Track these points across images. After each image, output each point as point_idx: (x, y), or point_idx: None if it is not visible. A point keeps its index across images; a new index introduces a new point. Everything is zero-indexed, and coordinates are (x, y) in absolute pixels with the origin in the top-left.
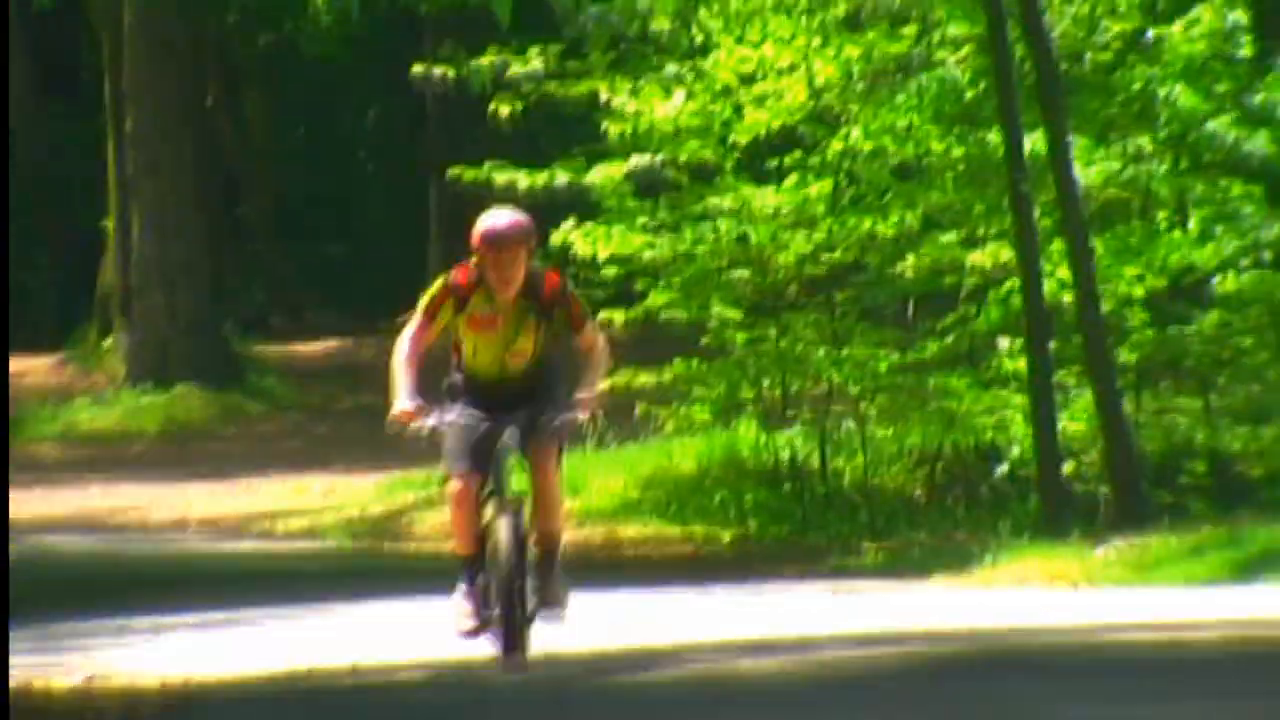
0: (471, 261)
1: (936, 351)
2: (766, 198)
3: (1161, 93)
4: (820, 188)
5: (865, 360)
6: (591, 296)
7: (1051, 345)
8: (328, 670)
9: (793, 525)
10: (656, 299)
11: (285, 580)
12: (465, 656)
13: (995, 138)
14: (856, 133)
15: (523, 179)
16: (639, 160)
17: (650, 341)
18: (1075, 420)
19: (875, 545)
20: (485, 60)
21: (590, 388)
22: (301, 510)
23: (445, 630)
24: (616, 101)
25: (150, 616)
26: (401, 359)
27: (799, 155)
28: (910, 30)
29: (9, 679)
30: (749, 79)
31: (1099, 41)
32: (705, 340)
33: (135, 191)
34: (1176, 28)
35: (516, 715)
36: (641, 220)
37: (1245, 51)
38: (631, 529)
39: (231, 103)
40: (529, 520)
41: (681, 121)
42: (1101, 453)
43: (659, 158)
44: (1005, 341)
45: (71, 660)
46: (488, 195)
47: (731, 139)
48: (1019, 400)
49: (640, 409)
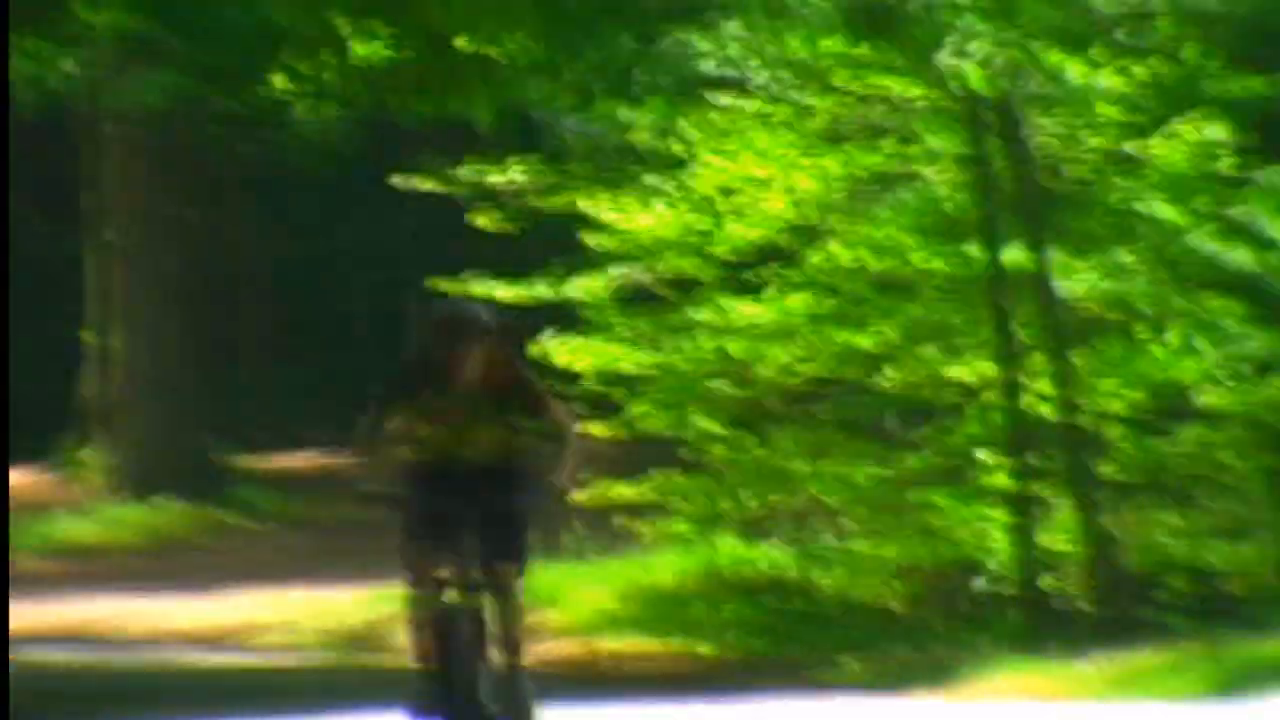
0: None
1: (916, 464)
2: (746, 310)
3: (1140, 207)
4: (799, 300)
5: (844, 473)
6: (570, 408)
7: (1030, 459)
8: None
9: (771, 639)
10: (635, 410)
11: (263, 692)
12: None
13: (975, 251)
14: (835, 245)
15: (501, 290)
16: (618, 271)
17: (629, 453)
18: (1055, 534)
19: (854, 658)
20: (464, 171)
21: (565, 467)
22: (280, 623)
23: None
24: (596, 213)
25: None
26: (361, 445)
27: (778, 267)
28: (889, 143)
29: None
30: (728, 191)
31: (1078, 156)
32: (684, 452)
33: (116, 303)
34: (1155, 142)
35: None
36: (621, 332)
37: (1224, 166)
38: (609, 643)
39: (214, 215)
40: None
41: (661, 233)
42: (1081, 566)
43: (638, 270)
44: (983, 454)
45: None
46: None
47: (711, 251)
48: (998, 514)
49: (620, 522)
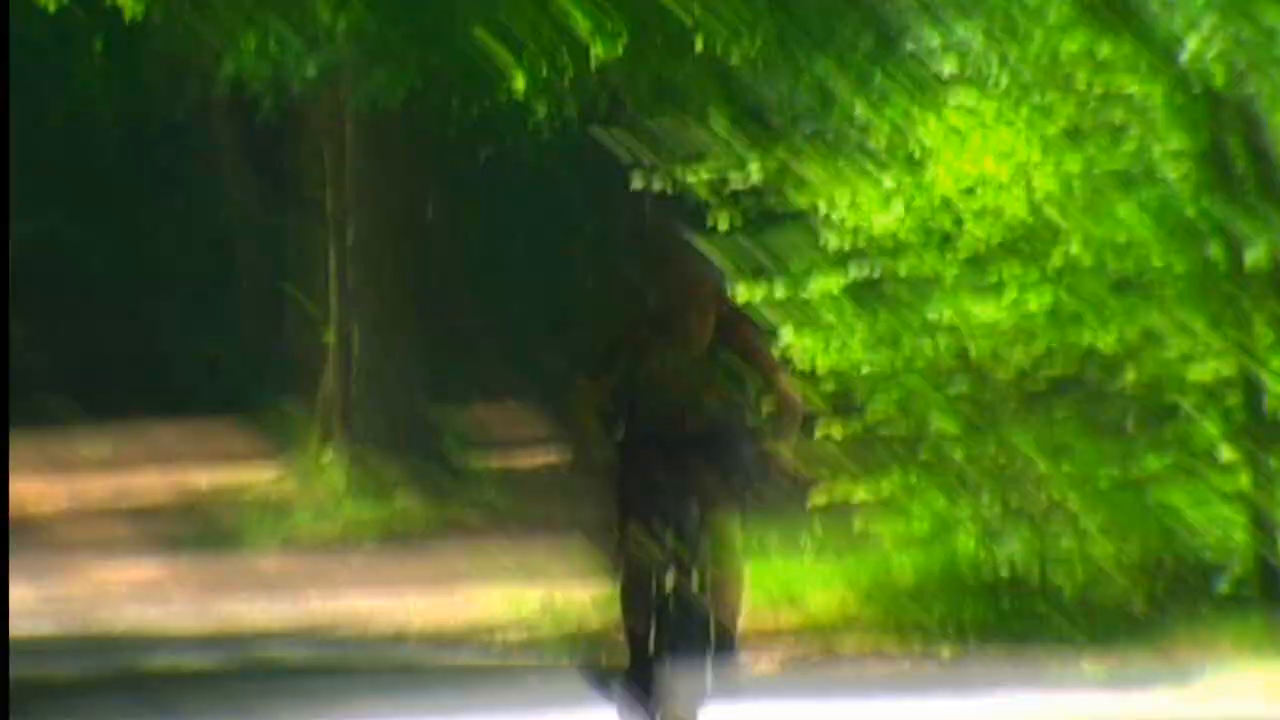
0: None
1: (1156, 465)
2: (986, 310)
3: None
4: (1040, 301)
5: (1083, 473)
6: (809, 408)
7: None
8: None
9: (1011, 639)
10: (874, 411)
11: (505, 692)
12: None
13: (1216, 251)
14: (1075, 246)
15: (740, 290)
16: (857, 271)
17: (868, 453)
18: None
19: (1095, 659)
20: (703, 170)
21: (786, 450)
22: (519, 622)
23: None
24: (834, 213)
25: None
26: (575, 413)
27: (1018, 268)
28: (1130, 143)
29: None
30: (968, 191)
31: None
32: (924, 454)
33: (356, 304)
34: None
35: None
36: (860, 332)
37: None
38: (849, 642)
39: (451, 216)
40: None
41: (899, 233)
42: None
43: (877, 270)
44: (1224, 454)
45: None
46: None
47: (949, 251)
48: (1238, 515)
49: (861, 523)
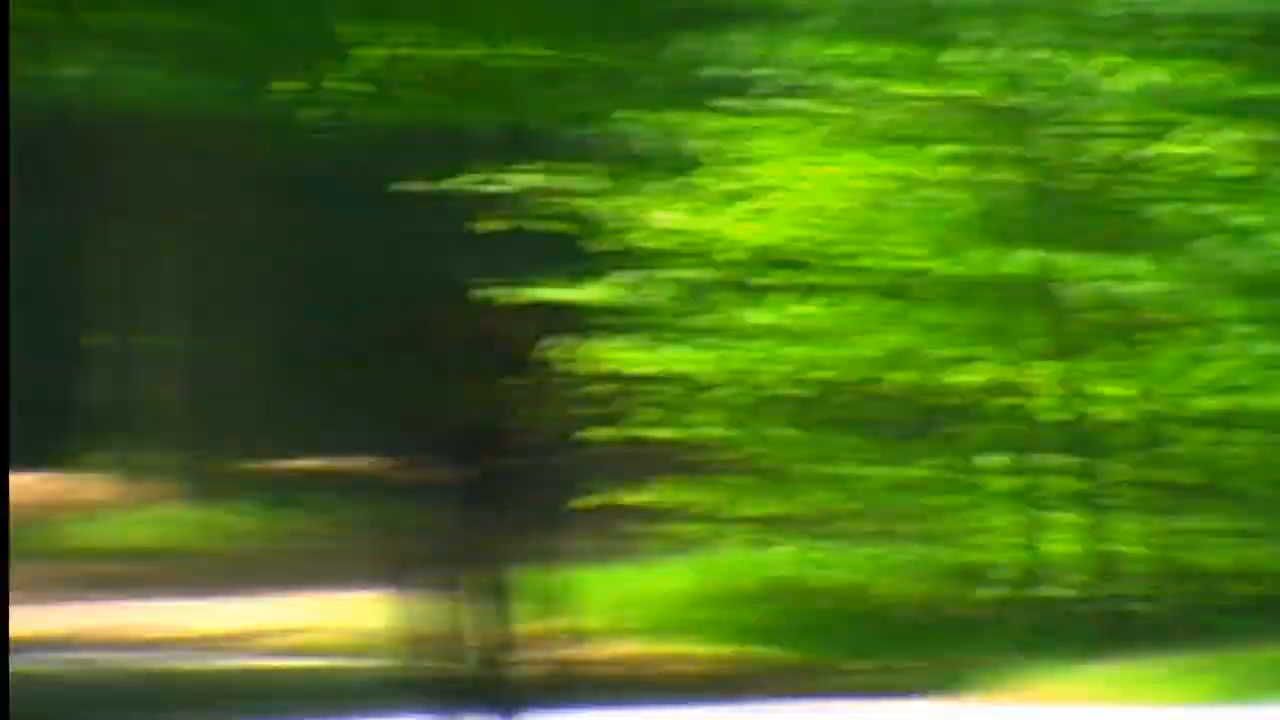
0: None
1: (924, 470)
2: (755, 316)
3: (1154, 210)
4: (810, 306)
5: (852, 478)
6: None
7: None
8: None
9: (778, 646)
10: (644, 416)
11: (275, 695)
12: None
13: (985, 255)
14: (845, 251)
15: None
16: (624, 278)
17: (633, 459)
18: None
19: (860, 665)
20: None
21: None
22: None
23: None
24: (608, 219)
25: None
26: None
27: (788, 274)
28: (903, 149)
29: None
30: (737, 198)
31: (1090, 162)
32: (687, 460)
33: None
34: (1169, 145)
35: None
36: (632, 337)
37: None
38: (614, 648)
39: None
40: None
41: (669, 240)
42: (1089, 568)
43: (646, 276)
44: (994, 458)
45: None
46: None
47: (719, 258)
48: (1004, 519)
49: (628, 529)
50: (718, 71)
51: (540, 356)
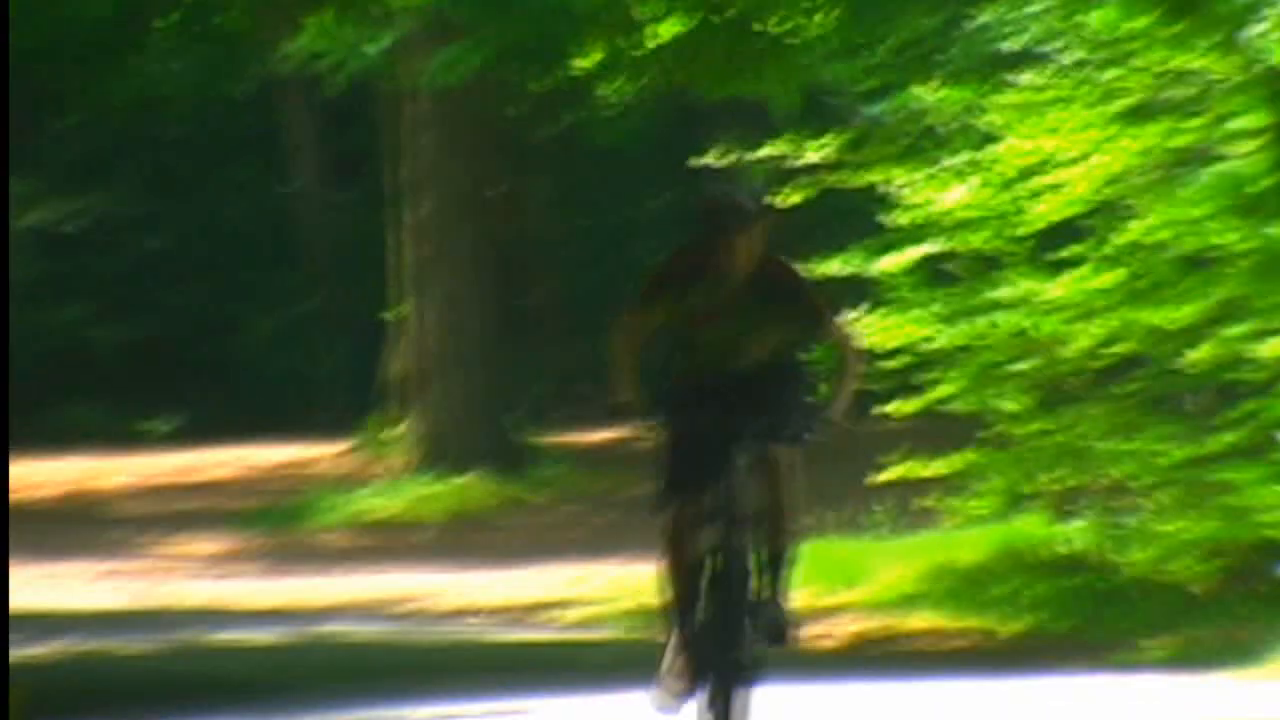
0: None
1: (1220, 444)
2: (1052, 289)
3: None
4: (1107, 279)
5: (1148, 452)
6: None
7: None
8: None
9: (1075, 620)
10: (942, 390)
11: (568, 670)
12: None
13: None
14: (1142, 224)
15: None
16: (921, 250)
17: (931, 432)
18: None
19: (1158, 640)
20: (764, 153)
21: (842, 395)
22: (584, 599)
23: None
24: (903, 192)
25: (433, 706)
26: (617, 348)
27: (1085, 247)
28: (1196, 121)
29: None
30: (1033, 171)
31: None
32: (985, 433)
33: (421, 281)
34: None
35: None
36: (929, 310)
37: None
38: (911, 622)
39: (516, 193)
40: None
41: (963, 212)
42: None
43: (940, 248)
44: None
45: None
46: None
47: (1013, 230)
48: None
49: (924, 501)
50: (1015, 45)
51: (837, 328)
